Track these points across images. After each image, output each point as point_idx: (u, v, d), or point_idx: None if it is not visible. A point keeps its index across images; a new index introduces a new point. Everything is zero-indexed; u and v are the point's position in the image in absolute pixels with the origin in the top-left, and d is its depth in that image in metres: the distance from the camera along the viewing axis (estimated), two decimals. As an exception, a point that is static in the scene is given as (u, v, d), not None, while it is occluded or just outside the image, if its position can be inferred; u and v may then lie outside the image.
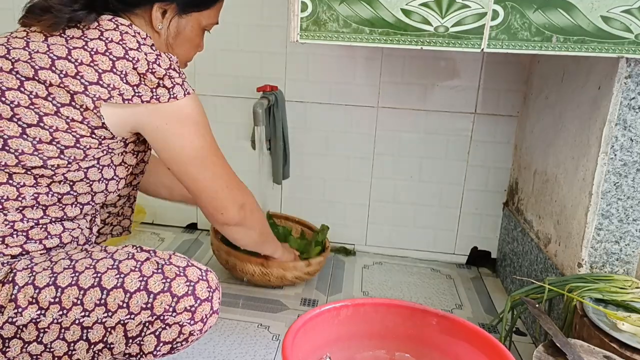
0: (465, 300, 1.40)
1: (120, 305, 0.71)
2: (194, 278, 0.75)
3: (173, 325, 0.73)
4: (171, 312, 0.73)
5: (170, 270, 0.75)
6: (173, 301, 0.73)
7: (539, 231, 1.24)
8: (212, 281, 0.78)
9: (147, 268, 0.75)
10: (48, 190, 0.77)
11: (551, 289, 0.98)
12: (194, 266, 0.78)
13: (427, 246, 1.64)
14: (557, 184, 1.14)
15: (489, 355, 0.72)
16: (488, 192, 1.56)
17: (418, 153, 1.55)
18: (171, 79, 0.78)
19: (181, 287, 0.74)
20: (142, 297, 0.72)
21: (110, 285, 0.72)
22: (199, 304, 0.74)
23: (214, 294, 0.77)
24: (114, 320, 0.72)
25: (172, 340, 0.74)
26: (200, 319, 0.74)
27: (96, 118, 0.75)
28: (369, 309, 0.81)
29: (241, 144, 1.60)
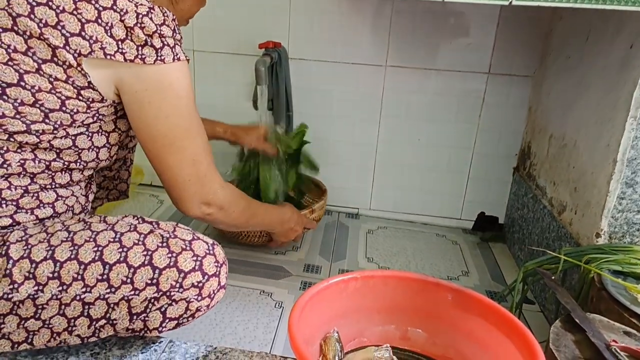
0: (472, 267, 1.37)
1: (124, 280, 0.67)
2: (200, 252, 0.71)
3: (180, 301, 0.70)
4: (178, 288, 0.69)
5: (176, 244, 0.71)
6: (180, 277, 0.69)
7: (552, 198, 1.19)
8: (219, 255, 0.74)
9: (151, 241, 0.70)
10: (34, 156, 0.71)
11: (567, 260, 0.94)
12: (200, 239, 0.73)
13: (433, 211, 1.59)
14: (576, 149, 1.08)
15: (505, 333, 0.68)
16: (498, 156, 1.50)
17: (426, 115, 1.48)
18: (162, 38, 0.70)
19: (188, 262, 0.70)
20: (147, 273, 0.68)
21: (113, 259, 0.68)
22: (206, 279, 0.71)
23: (222, 269, 0.73)
24: (117, 297, 0.68)
25: (178, 316, 0.70)
26: (207, 294, 0.71)
27: (81, 77, 0.68)
28: (379, 282, 0.77)
29: (242, 104, 1.53)
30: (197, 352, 0.76)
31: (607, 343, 0.71)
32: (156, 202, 1.61)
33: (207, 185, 0.82)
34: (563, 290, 0.84)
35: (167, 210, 1.55)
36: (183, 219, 1.50)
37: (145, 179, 1.72)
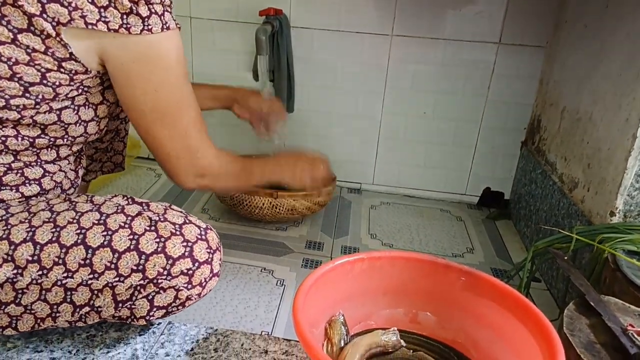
0: (477, 244, 1.34)
1: (107, 266, 0.63)
2: (191, 237, 0.66)
3: (168, 289, 0.65)
4: (166, 275, 0.64)
5: (165, 227, 0.66)
6: (168, 263, 0.64)
7: (563, 174, 1.15)
8: (213, 240, 0.69)
9: (138, 224, 0.65)
10: (16, 133, 0.66)
11: (579, 239, 0.91)
12: (191, 223, 0.68)
13: (438, 186, 1.56)
14: (592, 123, 1.04)
15: (518, 317, 0.65)
16: (506, 130, 1.46)
17: (433, 87, 1.43)
18: (149, 5, 0.63)
19: (177, 248, 0.65)
20: (132, 258, 0.63)
21: (96, 243, 0.63)
22: (197, 266, 0.66)
23: (215, 255, 0.68)
24: (100, 283, 0.63)
25: (167, 305, 0.66)
26: (198, 282, 0.66)
27: (61, 48, 0.62)
28: (386, 263, 0.73)
29: (242, 74, 1.47)
30: (197, 334, 0.73)
31: (623, 327, 0.68)
32: (154, 176, 1.57)
33: (200, 158, 0.77)
34: (576, 272, 0.81)
35: (166, 184, 1.51)
36: (182, 192, 1.46)
37: (142, 152, 1.67)
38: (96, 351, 0.69)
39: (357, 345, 0.65)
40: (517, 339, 0.65)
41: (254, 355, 0.70)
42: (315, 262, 1.19)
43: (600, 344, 0.67)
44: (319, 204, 1.30)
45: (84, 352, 0.69)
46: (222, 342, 0.72)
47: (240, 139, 1.42)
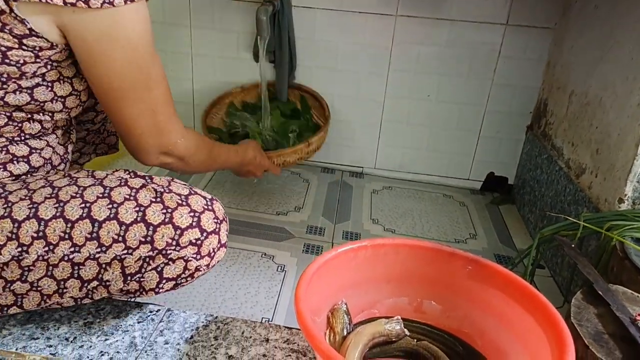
0: (480, 230, 1.32)
1: (115, 239, 0.62)
2: (198, 208, 0.66)
3: (177, 260, 0.64)
4: (174, 246, 0.63)
5: (171, 199, 0.65)
6: (176, 234, 0.63)
7: (570, 160, 1.13)
8: (219, 211, 0.69)
9: (143, 196, 0.64)
10: None
11: (586, 227, 0.89)
12: (197, 194, 0.68)
13: (440, 171, 1.53)
14: (601, 108, 1.01)
15: (525, 307, 0.64)
16: (511, 113, 1.43)
17: (438, 69, 1.39)
18: None
19: (185, 218, 0.64)
20: (140, 230, 0.62)
21: (102, 216, 0.62)
22: (205, 236, 0.65)
23: (222, 226, 0.68)
24: (108, 256, 0.62)
25: (176, 276, 0.65)
26: (207, 253, 0.66)
27: (19, 24, 0.58)
28: (390, 251, 0.71)
29: (242, 55, 1.44)
30: (196, 321, 0.72)
31: (632, 317, 0.67)
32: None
33: (166, 136, 0.75)
34: (584, 260, 0.80)
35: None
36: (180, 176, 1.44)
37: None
38: (93, 338, 0.68)
39: (360, 335, 0.64)
40: (524, 328, 0.63)
41: (255, 343, 0.68)
42: (317, 247, 1.17)
43: (608, 334, 0.66)
44: (310, 153, 1.26)
45: (81, 339, 0.68)
46: (222, 330, 0.70)
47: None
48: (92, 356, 0.64)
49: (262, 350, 0.67)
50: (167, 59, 1.48)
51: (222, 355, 0.66)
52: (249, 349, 0.67)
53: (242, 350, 0.67)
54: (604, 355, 0.61)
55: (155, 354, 0.65)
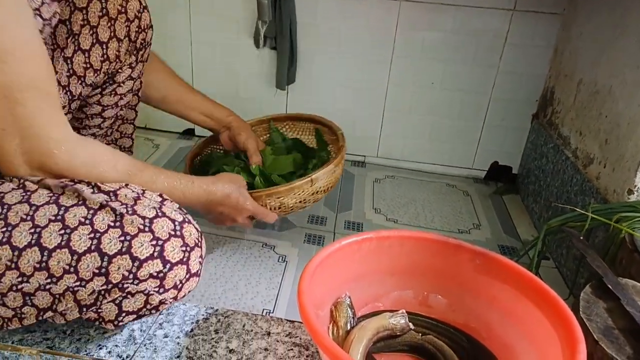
0: (483, 220, 1.31)
1: (66, 269, 0.55)
2: (162, 234, 0.58)
3: (136, 294, 0.58)
4: (132, 279, 0.56)
5: (132, 223, 0.57)
6: (134, 266, 0.56)
7: (577, 149, 1.11)
8: (190, 236, 0.60)
9: (101, 220, 0.56)
10: None
11: (595, 218, 0.87)
12: (164, 217, 0.59)
13: (444, 160, 1.51)
14: (611, 96, 0.99)
15: (534, 301, 0.62)
16: (517, 102, 1.40)
17: (442, 56, 1.36)
18: None
19: (145, 248, 0.56)
20: (93, 260, 0.55)
21: (53, 243, 0.55)
22: (169, 268, 0.57)
23: (192, 253, 0.60)
24: (60, 288, 0.56)
25: (137, 309, 0.59)
26: (172, 285, 0.58)
27: None
28: (395, 243, 0.70)
29: (243, 41, 1.41)
30: (196, 314, 0.70)
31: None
32: (151, 147, 1.52)
33: (35, 139, 0.56)
34: (593, 253, 0.78)
35: (164, 155, 1.47)
36: (182, 163, 1.42)
37: (139, 122, 1.61)
38: (91, 332, 0.67)
39: (364, 329, 0.62)
40: (532, 323, 0.62)
41: (256, 337, 0.67)
42: (318, 237, 1.15)
43: (618, 329, 0.65)
44: (318, 193, 0.99)
45: (78, 332, 0.66)
46: (222, 323, 0.69)
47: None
48: (90, 350, 0.63)
49: (263, 344, 0.65)
50: (165, 45, 1.44)
51: (222, 349, 0.64)
52: (250, 342, 0.66)
53: (243, 344, 0.65)
54: (614, 352, 0.60)
55: (154, 348, 0.64)
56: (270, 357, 0.63)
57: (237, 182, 0.85)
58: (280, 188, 0.90)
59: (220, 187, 0.80)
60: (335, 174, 0.98)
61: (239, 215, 0.85)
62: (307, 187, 0.93)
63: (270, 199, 0.90)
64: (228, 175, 0.85)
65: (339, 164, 0.99)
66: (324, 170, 0.94)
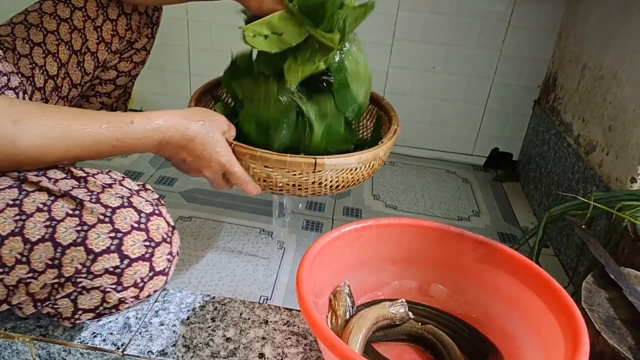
0: (483, 207, 1.30)
1: (18, 259, 0.51)
2: (123, 226, 0.52)
3: (92, 290, 0.53)
4: (85, 273, 0.51)
5: (92, 212, 0.52)
6: (88, 259, 0.51)
7: (580, 136, 1.09)
8: (156, 230, 0.54)
9: (59, 207, 0.52)
10: None
11: (597, 206, 0.86)
12: (131, 207, 0.54)
13: (444, 146, 1.49)
14: (616, 82, 0.97)
15: (537, 292, 0.61)
16: (519, 87, 1.38)
17: (445, 40, 1.34)
18: None
19: (101, 240, 0.51)
20: (46, 250, 0.51)
21: (6, 230, 0.50)
22: (127, 264, 0.52)
23: (158, 249, 0.54)
24: (12, 279, 0.52)
25: (94, 307, 0.54)
26: (132, 283, 0.53)
27: None
28: (395, 231, 0.68)
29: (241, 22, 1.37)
30: (193, 302, 0.69)
31: (646, 303, 0.64)
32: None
33: None
34: (595, 242, 0.77)
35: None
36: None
37: (135, 104, 1.59)
38: (85, 319, 0.65)
39: (363, 319, 0.61)
40: (535, 314, 0.61)
41: (254, 325, 0.66)
42: (317, 223, 1.14)
43: (620, 319, 0.64)
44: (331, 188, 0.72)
45: (72, 319, 0.65)
46: (219, 311, 0.68)
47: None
48: (84, 338, 0.62)
49: (261, 332, 0.64)
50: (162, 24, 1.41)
51: (219, 337, 0.63)
52: (248, 331, 0.65)
53: (240, 332, 0.64)
54: (616, 343, 0.59)
55: (150, 336, 0.63)
56: (267, 346, 0.62)
57: (211, 124, 0.65)
58: (272, 155, 0.66)
59: (179, 126, 0.61)
60: (357, 173, 0.72)
61: (206, 169, 0.67)
62: (307, 170, 0.67)
63: (254, 163, 0.68)
64: (201, 112, 0.66)
65: (375, 160, 0.72)
66: (340, 161, 0.67)
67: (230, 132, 0.69)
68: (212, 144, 0.64)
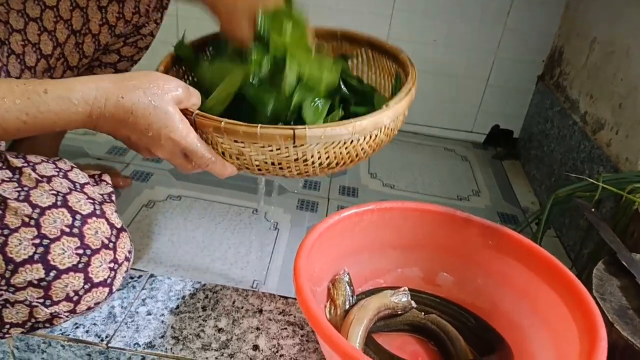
0: (483, 186, 1.26)
1: None
2: (52, 231, 0.46)
3: (16, 304, 0.47)
4: (5, 286, 0.46)
5: (17, 213, 0.45)
6: (7, 270, 0.45)
7: (587, 114, 1.05)
8: (94, 235, 0.48)
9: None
10: None
11: (606, 188, 0.82)
12: (64, 207, 0.47)
13: (443, 122, 1.45)
14: (629, 58, 0.92)
15: (547, 280, 0.58)
16: (523, 62, 1.33)
17: (447, 12, 1.27)
18: None
19: (23, 248, 0.45)
20: None
21: None
22: (54, 276, 0.46)
23: (95, 258, 0.47)
24: None
25: (22, 322, 0.49)
26: (64, 297, 0.47)
27: None
28: (397, 215, 0.64)
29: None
30: (182, 289, 0.65)
31: (660, 292, 0.61)
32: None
33: None
34: (605, 227, 0.73)
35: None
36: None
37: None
38: (67, 308, 0.61)
39: (364, 309, 0.57)
40: (546, 305, 0.58)
41: (247, 314, 0.62)
42: (312, 203, 1.10)
43: (632, 309, 0.61)
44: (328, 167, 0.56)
45: (53, 308, 0.61)
46: (211, 299, 0.64)
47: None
48: (65, 329, 0.58)
49: (255, 322, 0.61)
50: None
51: (210, 327, 0.60)
52: (241, 320, 0.61)
53: (232, 322, 0.61)
54: (629, 334, 0.56)
55: (136, 326, 0.59)
56: (262, 337, 0.59)
57: (157, 91, 0.48)
58: (239, 126, 0.50)
59: (110, 95, 0.46)
60: (355, 147, 0.54)
61: (158, 148, 0.50)
62: (286, 144, 0.51)
63: (221, 137, 0.51)
64: (143, 76, 0.49)
65: (377, 129, 0.56)
66: (327, 131, 0.50)
67: (189, 99, 0.51)
68: (161, 118, 0.48)
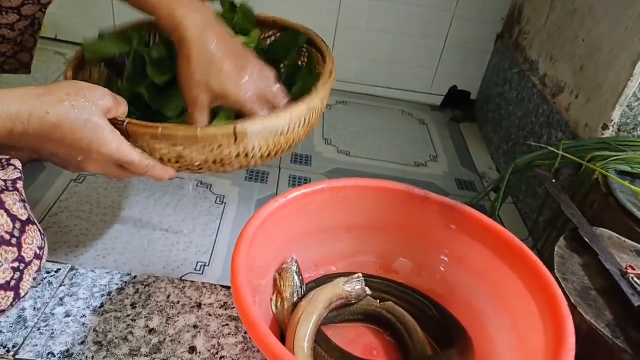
0: (440, 151, 1.22)
1: None
2: None
3: None
4: None
5: None
6: None
7: (546, 76, 1.01)
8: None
9: None
10: None
11: (565, 156, 0.79)
12: None
13: (400, 84, 1.38)
14: (592, 17, 0.87)
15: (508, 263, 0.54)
16: (482, 21, 1.27)
17: (404, -37, 1.19)
18: None
19: None
20: None
21: None
22: None
23: None
24: None
25: None
26: None
27: None
28: (351, 194, 0.58)
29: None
30: (108, 283, 0.57)
31: (622, 270, 0.59)
32: (62, 62, 1.29)
33: None
34: (566, 199, 0.70)
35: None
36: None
37: (47, 31, 1.36)
38: (-32, 312, 0.52)
39: (314, 302, 0.52)
40: (506, 290, 0.54)
41: (183, 310, 0.55)
42: (261, 173, 1.02)
43: (595, 289, 0.58)
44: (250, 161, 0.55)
45: (-49, 313, 0.52)
46: (141, 294, 0.56)
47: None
48: (-35, 339, 0.49)
49: (192, 319, 0.54)
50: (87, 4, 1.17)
51: (140, 328, 0.53)
52: (176, 318, 0.54)
53: (166, 320, 0.54)
54: (592, 317, 0.53)
55: (50, 332, 0.51)
56: (200, 337, 0.52)
57: (84, 103, 0.46)
58: (178, 130, 0.50)
59: (34, 110, 0.43)
60: (292, 134, 0.55)
61: (89, 163, 0.49)
62: (227, 142, 0.51)
63: (158, 143, 0.50)
64: (68, 87, 0.47)
65: (310, 113, 0.59)
66: (267, 123, 0.51)
67: (118, 108, 0.49)
68: (89, 130, 0.46)
